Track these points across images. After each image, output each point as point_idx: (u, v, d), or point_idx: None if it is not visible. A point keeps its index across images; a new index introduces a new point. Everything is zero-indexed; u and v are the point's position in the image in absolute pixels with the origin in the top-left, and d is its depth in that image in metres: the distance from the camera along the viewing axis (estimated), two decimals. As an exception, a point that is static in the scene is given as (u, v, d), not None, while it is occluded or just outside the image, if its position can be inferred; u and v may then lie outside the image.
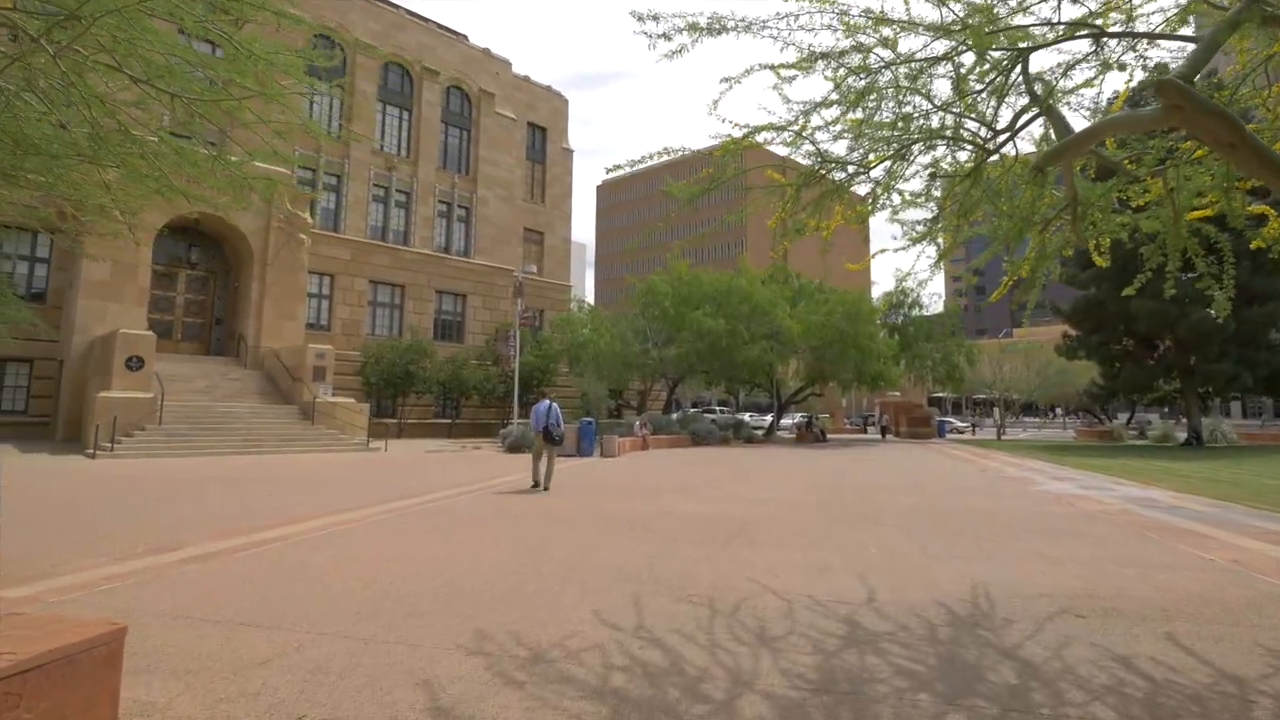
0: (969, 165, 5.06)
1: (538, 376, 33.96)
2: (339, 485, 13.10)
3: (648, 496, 11.88)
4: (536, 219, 39.40)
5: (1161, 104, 3.01)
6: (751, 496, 12.08)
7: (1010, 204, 5.24)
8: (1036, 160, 3.85)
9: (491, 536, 7.94)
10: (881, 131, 4.68)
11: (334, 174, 30.87)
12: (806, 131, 4.72)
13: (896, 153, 4.79)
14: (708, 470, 17.69)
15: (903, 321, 40.35)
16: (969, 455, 25.41)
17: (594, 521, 9.09)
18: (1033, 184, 5.04)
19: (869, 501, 11.60)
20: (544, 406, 12.76)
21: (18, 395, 23.19)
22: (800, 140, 4.86)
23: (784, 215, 5.27)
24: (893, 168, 4.97)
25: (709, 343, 30.13)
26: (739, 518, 9.51)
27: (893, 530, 8.67)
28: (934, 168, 5.24)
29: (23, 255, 23.39)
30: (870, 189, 5.28)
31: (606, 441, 22.64)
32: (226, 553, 6.85)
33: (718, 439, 31.51)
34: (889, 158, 4.81)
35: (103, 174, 5.88)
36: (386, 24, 32.85)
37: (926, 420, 45.08)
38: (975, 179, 4.95)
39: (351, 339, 30.68)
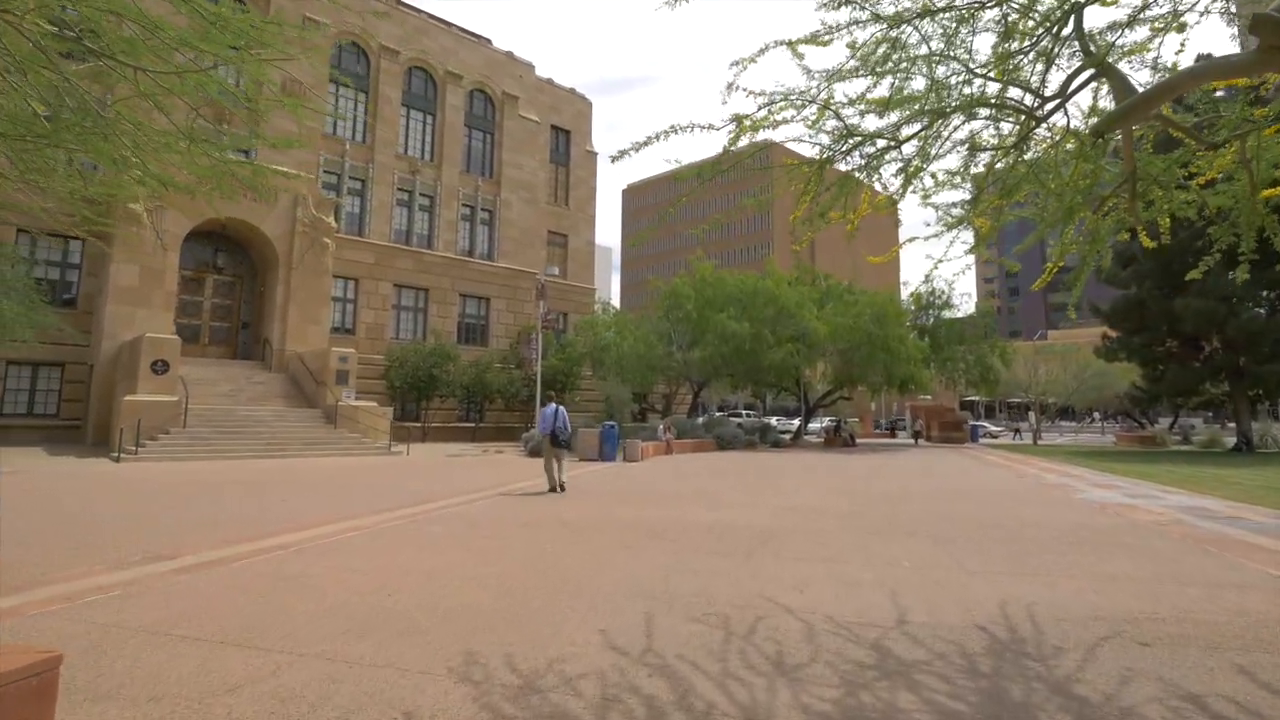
0: (1011, 139, 4.57)
1: (561, 380, 33.73)
2: (355, 490, 12.90)
3: (668, 503, 11.46)
4: (560, 222, 39.23)
5: (1260, 45, 2.54)
6: (776, 504, 11.59)
7: (1059, 181, 4.72)
8: (1097, 124, 3.38)
9: (501, 545, 7.59)
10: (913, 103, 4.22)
11: (358, 178, 31.00)
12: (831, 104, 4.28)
13: (930, 124, 4.30)
14: (731, 476, 17.21)
15: (933, 323, 39.39)
16: (1004, 461, 24.52)
17: (610, 530, 8.70)
18: (1083, 159, 4.54)
19: (900, 510, 11.04)
20: (551, 410, 12.89)
21: (49, 399, 23.54)
22: (824, 115, 4.41)
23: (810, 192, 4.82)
24: (925, 142, 4.49)
25: (733, 346, 29.60)
26: (762, 527, 9.04)
27: (926, 542, 8.14)
28: (972, 141, 4.74)
29: (54, 261, 23.76)
30: (900, 167, 4.80)
31: (629, 446, 22.25)
32: (226, 561, 6.59)
33: (743, 443, 30.95)
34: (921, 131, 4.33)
35: (69, 157, 5.62)
36: (410, 29, 32.96)
37: (959, 424, 43.94)
38: (1019, 153, 4.46)
39: (376, 343, 30.74)
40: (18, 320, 16.12)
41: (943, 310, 38.51)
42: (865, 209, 5.78)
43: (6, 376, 22.70)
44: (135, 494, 11.72)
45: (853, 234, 5.90)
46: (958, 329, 38.80)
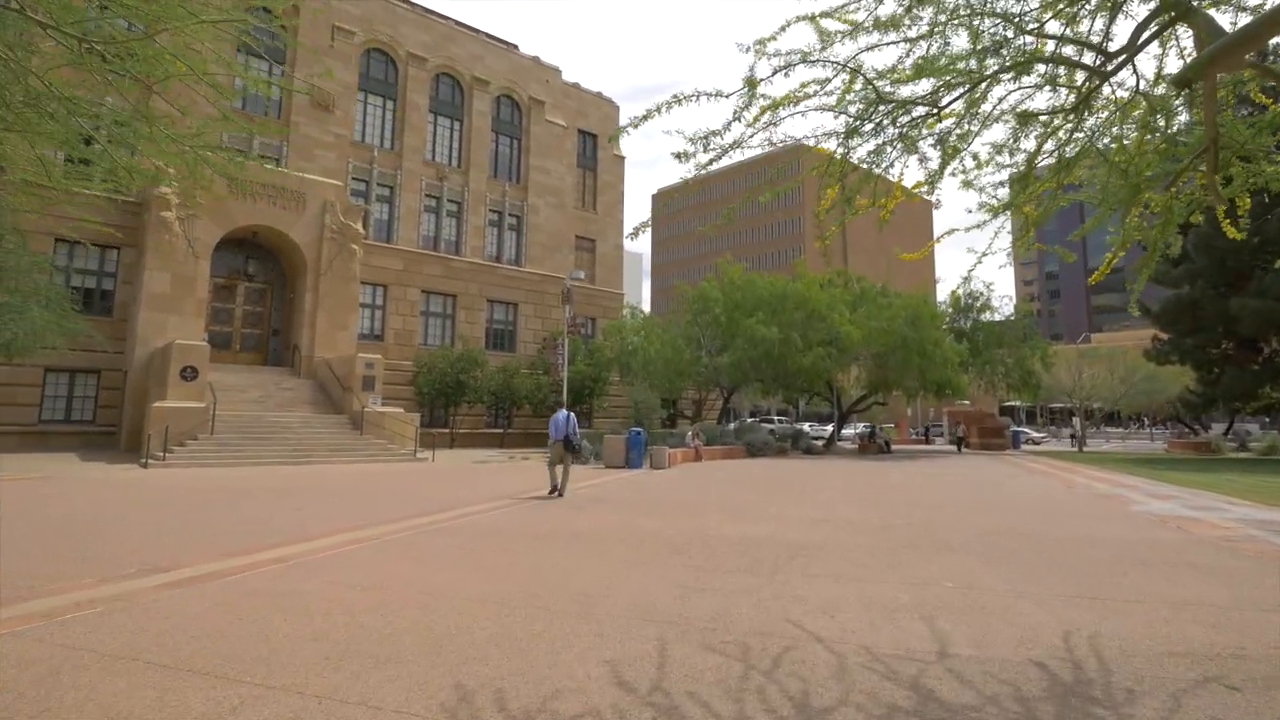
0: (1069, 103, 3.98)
1: (589, 386, 33.40)
2: (373, 498, 12.63)
3: (692, 514, 10.94)
4: (588, 226, 38.98)
5: None
6: (807, 515, 10.99)
7: (1124, 154, 4.13)
8: (1183, 70, 2.82)
9: (510, 559, 7.17)
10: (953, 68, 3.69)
11: (387, 185, 31.12)
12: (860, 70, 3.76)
13: (973, 87, 3.74)
14: (761, 484, 16.60)
15: (971, 326, 38.17)
16: (1050, 469, 23.42)
17: (628, 543, 8.22)
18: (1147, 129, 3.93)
19: (940, 522, 10.35)
20: (562, 416, 13.10)
21: (86, 405, 23.91)
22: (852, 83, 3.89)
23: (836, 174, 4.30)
24: (969, 109, 3.93)
25: (762, 350, 28.95)
26: (791, 541, 8.48)
27: (971, 559, 7.50)
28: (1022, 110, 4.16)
29: (91, 270, 24.16)
30: (939, 139, 4.23)
31: (656, 452, 21.76)
32: (221, 575, 6.27)
33: (774, 450, 30.24)
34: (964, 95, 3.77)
35: (32, 147, 5.36)
36: (437, 35, 33.07)
37: (999, 430, 42.47)
38: (1078, 119, 3.88)
39: (404, 349, 30.77)
40: (48, 328, 16.27)
41: (981, 312, 37.28)
42: (898, 196, 5.23)
43: (45, 384, 23.11)
44: (153, 501, 11.60)
45: (885, 222, 5.35)
46: (997, 332, 37.52)
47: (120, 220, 24.48)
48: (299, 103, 28.59)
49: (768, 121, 3.98)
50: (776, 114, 4.36)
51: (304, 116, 28.68)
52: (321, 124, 29.10)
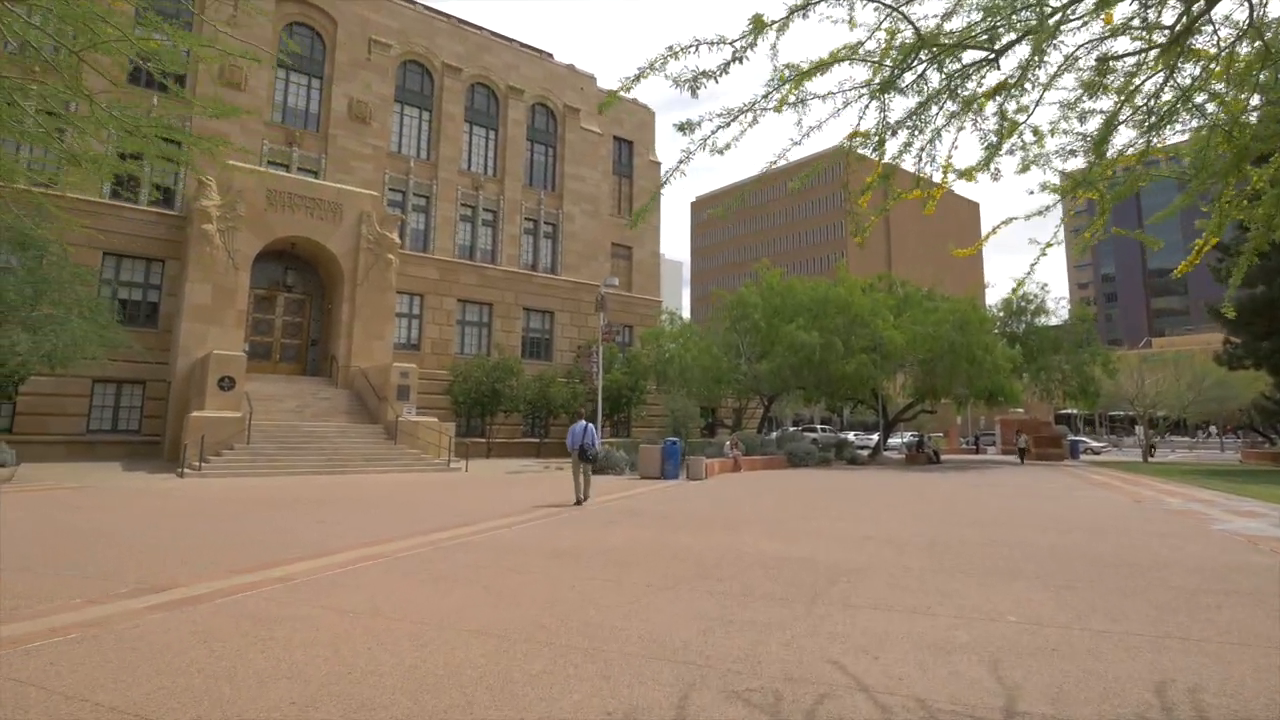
0: (1159, 43, 3.25)
1: (626, 395, 32.89)
2: (397, 510, 12.29)
3: (726, 530, 10.28)
4: (624, 233, 38.57)
5: None
6: (850, 533, 10.22)
7: (1229, 106, 3.39)
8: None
9: (524, 581, 6.64)
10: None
11: (423, 195, 31.24)
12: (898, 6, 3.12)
13: (1040, 24, 3.04)
14: (802, 497, 15.80)
15: (1025, 330, 36.49)
16: (1114, 481, 21.97)
17: (653, 563, 7.62)
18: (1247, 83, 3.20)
19: (999, 543, 9.48)
20: (580, 427, 13.49)
21: (132, 415, 24.38)
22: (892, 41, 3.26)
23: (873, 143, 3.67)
24: (1032, 53, 3.23)
25: (803, 357, 28.03)
26: (832, 563, 7.77)
27: (1035, 587, 6.69)
28: (1103, 52, 3.45)
29: (136, 282, 24.69)
30: (993, 95, 3.54)
31: (693, 463, 21.10)
32: (214, 596, 5.89)
33: (817, 460, 29.22)
34: (1036, 29, 3.08)
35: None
36: (472, 46, 33.17)
37: (1056, 440, 40.46)
38: (1171, 59, 3.17)
39: (441, 358, 30.74)
40: (88, 338, 16.48)
41: (1036, 316, 35.60)
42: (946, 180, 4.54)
43: (92, 394, 23.63)
44: (177, 512, 11.45)
45: (932, 206, 4.68)
46: (1053, 336, 35.79)
47: (165, 234, 25.04)
48: (337, 115, 28.89)
49: (786, 79, 3.37)
50: (801, 87, 3.74)
51: (341, 129, 28.98)
52: (359, 136, 29.36)
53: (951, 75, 3.37)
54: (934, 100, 3.46)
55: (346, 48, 29.36)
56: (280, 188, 24.91)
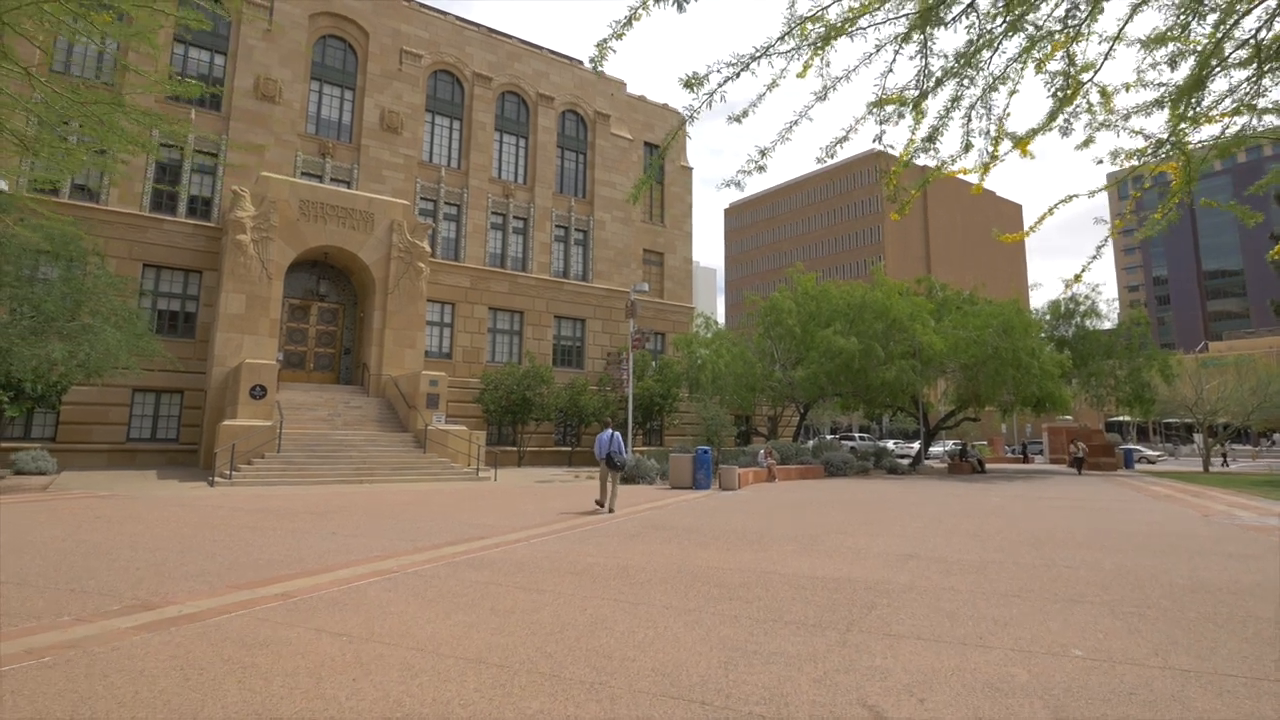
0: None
1: (658, 403, 32.38)
2: (416, 521, 11.97)
3: (756, 545, 9.69)
4: (656, 240, 38.20)
5: None
6: (890, 549, 9.54)
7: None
8: None
9: (534, 602, 6.18)
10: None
11: (454, 204, 31.29)
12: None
13: None
14: (838, 509, 15.08)
15: (1074, 334, 35.00)
16: (1176, 492, 20.67)
17: (674, 583, 7.10)
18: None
19: (1057, 563, 8.72)
20: (606, 436, 13.61)
21: (170, 424, 24.73)
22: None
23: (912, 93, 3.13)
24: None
25: (840, 363, 27.19)
26: (869, 584, 7.14)
27: (1102, 614, 5.99)
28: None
29: (175, 293, 25.10)
30: (1066, 13, 2.94)
31: (725, 473, 20.46)
32: (206, 615, 5.56)
33: (855, 470, 28.29)
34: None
35: None
36: (503, 55, 33.22)
37: (1109, 449, 38.68)
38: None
39: (472, 366, 30.68)
40: (121, 348, 16.63)
41: (1086, 319, 34.10)
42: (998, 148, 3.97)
43: (133, 403, 24.03)
44: (196, 523, 11.30)
45: (981, 183, 4.10)
46: (1105, 341, 34.25)
47: (203, 245, 25.44)
48: (369, 126, 29.12)
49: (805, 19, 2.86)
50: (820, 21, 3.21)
51: (373, 139, 29.20)
52: (390, 146, 29.54)
53: (1005, 7, 2.80)
54: (986, 43, 2.89)
55: (378, 59, 29.61)
56: (312, 198, 25.12)
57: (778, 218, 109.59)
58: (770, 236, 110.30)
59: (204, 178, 25.96)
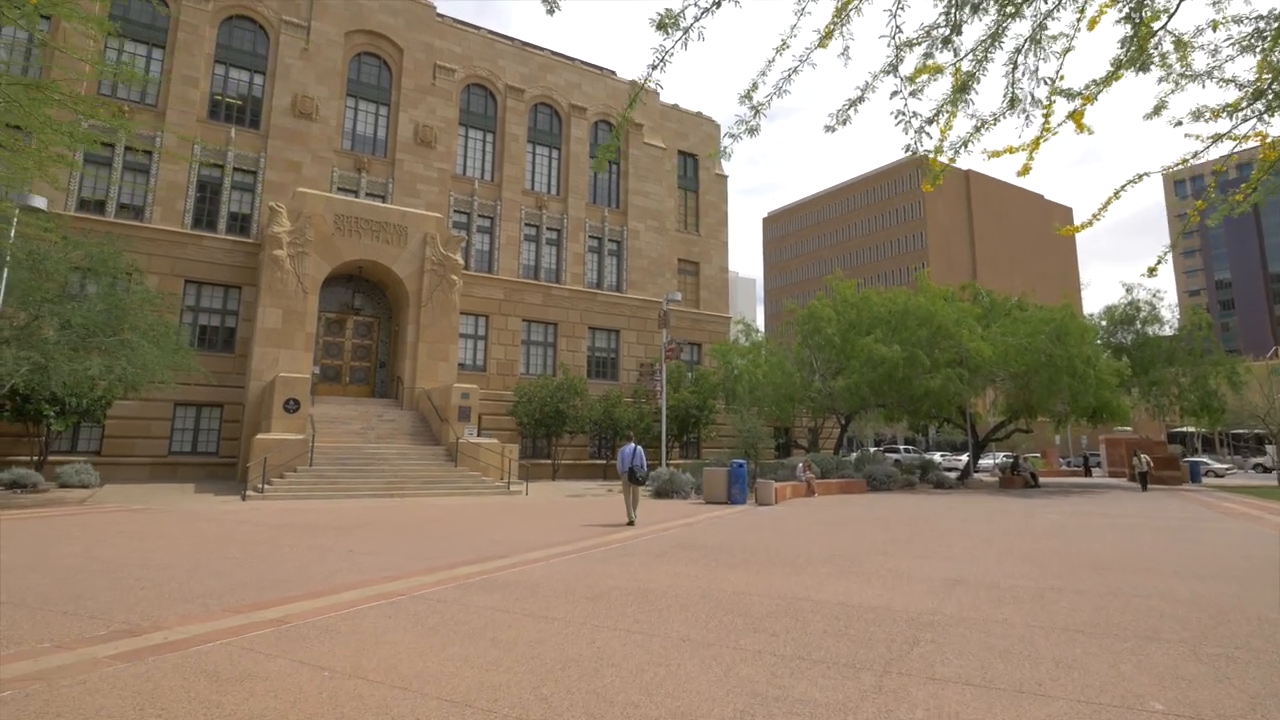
0: None
1: (694, 414, 31.76)
2: (436, 538, 11.63)
3: (788, 568, 9.05)
4: (691, 249, 37.71)
5: None
6: (935, 573, 8.80)
7: None
8: None
9: (539, 632, 5.69)
10: None
11: (487, 216, 31.34)
12: None
13: None
14: (880, 527, 14.27)
15: (1134, 341, 33.25)
16: (1251, 509, 19.18)
17: (695, 610, 6.53)
18: None
19: (1125, 591, 7.88)
20: (629, 450, 13.94)
21: (210, 437, 25.09)
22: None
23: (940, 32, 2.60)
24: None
25: (882, 372, 26.20)
26: (912, 615, 6.47)
27: (1182, 655, 5.23)
28: None
29: (215, 309, 25.54)
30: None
31: (761, 487, 19.75)
32: (187, 643, 5.22)
33: (900, 484, 27.19)
34: None
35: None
36: (535, 67, 33.29)
37: (1172, 461, 36.52)
38: None
39: (506, 379, 30.55)
40: (158, 363, 16.81)
41: (1146, 325, 32.36)
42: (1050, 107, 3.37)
43: (174, 417, 24.45)
44: (217, 538, 11.16)
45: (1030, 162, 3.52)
46: (1166, 347, 32.44)
47: (242, 261, 25.86)
48: (403, 140, 29.38)
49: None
50: None
51: (408, 153, 29.44)
52: (424, 159, 29.74)
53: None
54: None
55: (412, 74, 29.91)
56: (347, 212, 25.34)
57: (817, 225, 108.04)
58: (810, 245, 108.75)
59: (243, 194, 26.45)
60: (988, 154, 3.89)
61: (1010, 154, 3.76)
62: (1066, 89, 2.84)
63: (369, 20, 29.27)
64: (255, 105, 26.94)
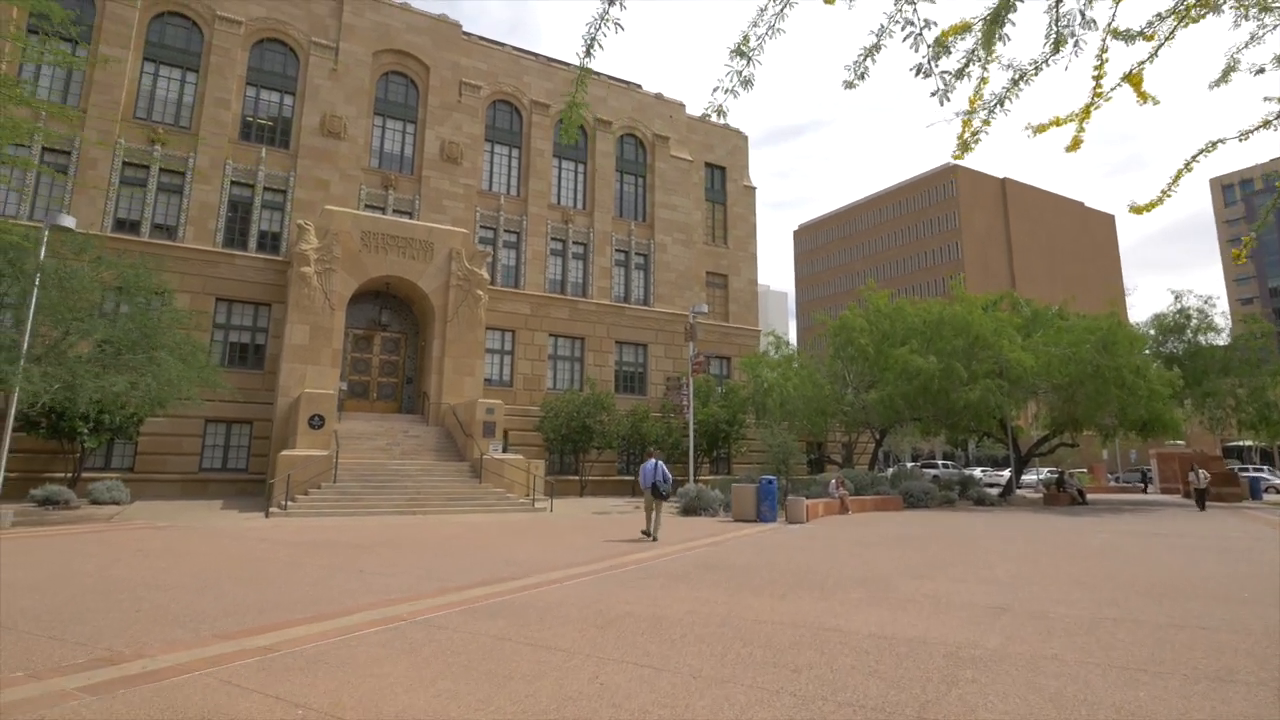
0: None
1: (724, 430, 31.15)
2: (452, 558, 11.30)
3: (816, 592, 8.48)
4: (719, 262, 37.26)
5: None
6: (976, 599, 8.15)
7: None
8: None
9: (538, 665, 5.26)
10: None
11: (513, 231, 31.35)
12: None
13: None
14: (917, 547, 13.55)
15: (1185, 350, 31.77)
16: (1320, 529, 17.90)
17: (712, 641, 6.04)
18: None
19: (1187, 620, 7.15)
20: (651, 465, 14.04)
21: (240, 454, 25.29)
22: None
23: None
24: None
25: (917, 384, 25.34)
26: (950, 649, 5.88)
27: (1264, 700, 4.58)
28: None
29: (245, 326, 25.84)
30: None
31: (792, 504, 19.05)
32: (162, 674, 4.91)
33: (938, 501, 26.18)
34: None
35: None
36: (560, 82, 33.36)
37: (1230, 477, 34.67)
38: None
39: (533, 394, 30.35)
40: (183, 380, 16.89)
41: (1199, 334, 30.89)
42: (1106, 49, 2.88)
43: (205, 434, 24.70)
44: (232, 557, 10.98)
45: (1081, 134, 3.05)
46: (1221, 357, 30.92)
47: (271, 279, 26.16)
48: (430, 157, 29.59)
49: None
50: None
51: (434, 170, 29.62)
52: (450, 176, 29.90)
53: None
54: None
55: (439, 92, 30.17)
56: (373, 229, 25.49)
57: (849, 237, 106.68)
58: (842, 257, 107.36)
59: (273, 213, 26.83)
60: (1032, 129, 3.41)
61: (1057, 126, 3.29)
62: (1125, 29, 2.36)
63: (396, 40, 29.65)
64: (285, 125, 27.40)
